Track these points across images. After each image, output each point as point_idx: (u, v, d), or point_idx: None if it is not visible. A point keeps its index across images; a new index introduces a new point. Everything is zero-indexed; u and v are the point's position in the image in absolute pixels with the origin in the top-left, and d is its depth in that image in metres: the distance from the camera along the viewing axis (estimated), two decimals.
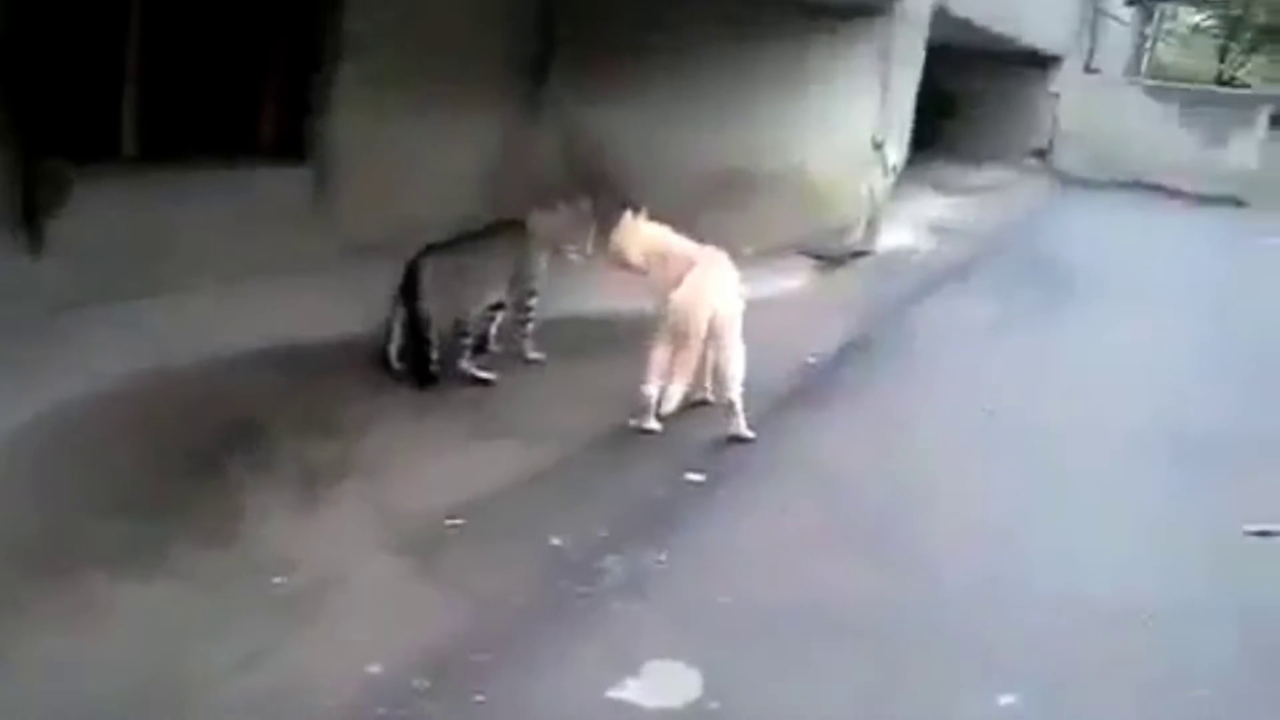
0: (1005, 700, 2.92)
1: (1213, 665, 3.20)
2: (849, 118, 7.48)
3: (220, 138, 5.71)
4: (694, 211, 5.58)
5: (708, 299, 4.31)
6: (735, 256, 4.70)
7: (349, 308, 5.23)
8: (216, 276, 5.19)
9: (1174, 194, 13.33)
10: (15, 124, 4.57)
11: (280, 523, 3.44)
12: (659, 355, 4.36)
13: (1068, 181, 13.87)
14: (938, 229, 9.72)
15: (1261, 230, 11.59)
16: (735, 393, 4.39)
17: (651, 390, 4.36)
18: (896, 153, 7.86)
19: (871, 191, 7.62)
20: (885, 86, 7.50)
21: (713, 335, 4.31)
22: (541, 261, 5.04)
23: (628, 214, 4.70)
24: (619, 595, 3.24)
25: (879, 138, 7.53)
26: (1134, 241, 10.49)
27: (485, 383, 4.81)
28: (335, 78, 6.13)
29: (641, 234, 4.69)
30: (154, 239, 5.15)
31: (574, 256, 5.00)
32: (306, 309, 5.20)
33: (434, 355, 4.76)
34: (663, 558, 3.48)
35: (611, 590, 3.26)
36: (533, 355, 5.13)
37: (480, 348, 5.00)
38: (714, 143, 7.52)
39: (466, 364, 4.83)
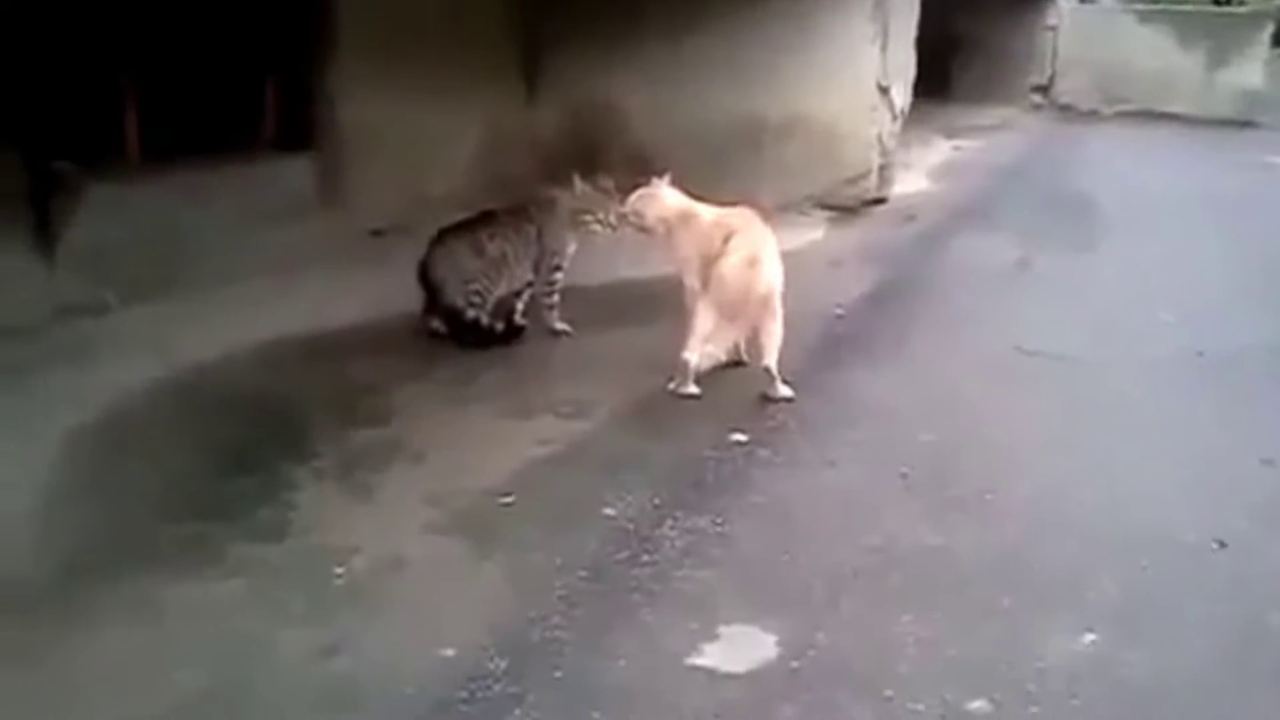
0: (1089, 638, 2.88)
1: None
2: (852, 64, 7.35)
3: (223, 132, 5.64)
4: (705, 169, 5.49)
5: (762, 273, 4.22)
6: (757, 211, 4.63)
7: (366, 294, 5.24)
8: (232, 271, 5.16)
9: (1180, 119, 13.17)
10: (23, 128, 4.50)
11: (332, 512, 3.41)
12: (701, 322, 4.29)
13: (1073, 115, 13.74)
14: (949, 171, 9.63)
15: (1271, 149, 11.48)
16: (773, 359, 4.33)
17: (691, 356, 4.30)
18: (902, 97, 7.74)
19: (881, 138, 7.51)
20: (885, 30, 7.38)
21: (763, 306, 4.24)
22: (566, 238, 4.97)
23: (652, 179, 4.63)
24: (681, 562, 3.19)
25: (884, 82, 7.41)
26: (1144, 169, 10.38)
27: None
28: (333, 64, 6.07)
29: (664, 199, 4.63)
30: (167, 238, 5.12)
31: (598, 228, 4.93)
32: (325, 298, 5.20)
33: (487, 322, 4.83)
34: (720, 521, 3.43)
35: (673, 558, 3.21)
36: (559, 327, 5.07)
37: (508, 323, 4.96)
38: (718, 99, 7.40)
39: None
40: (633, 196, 4.68)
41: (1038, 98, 14.24)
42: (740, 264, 4.21)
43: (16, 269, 4.47)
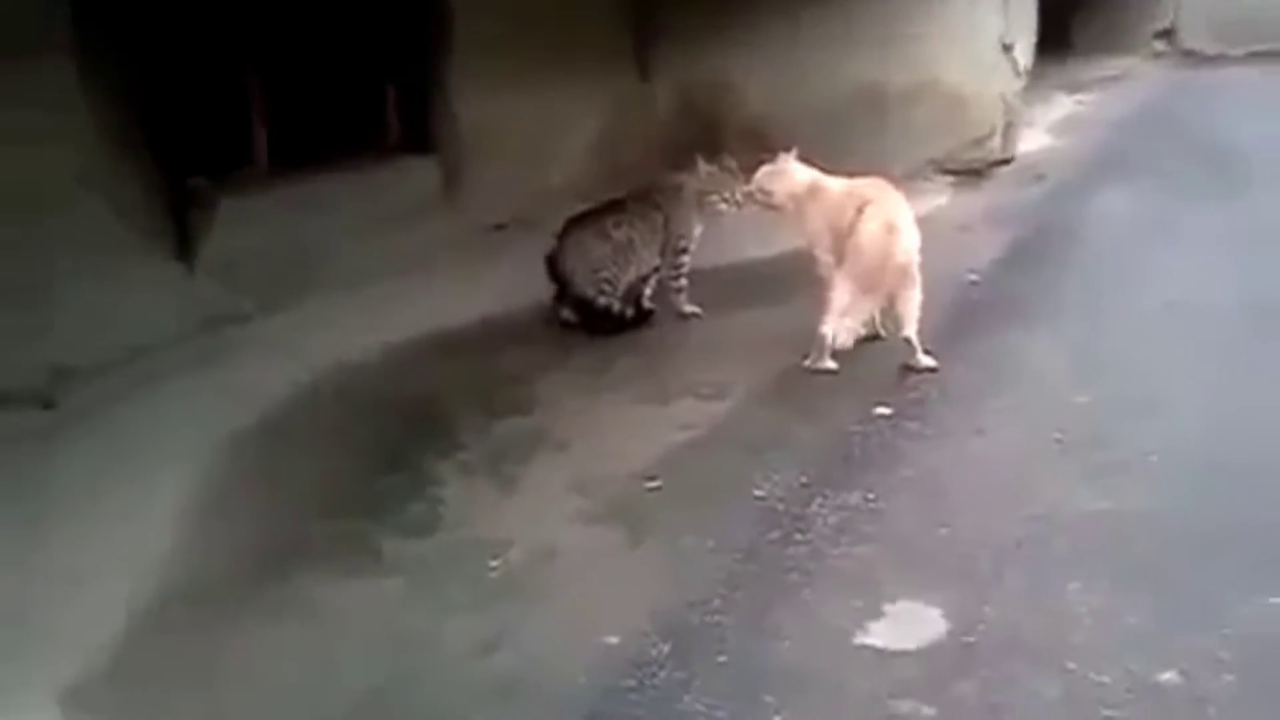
0: (1275, 600, 2.72)
1: None
2: (974, 23, 7.14)
3: (347, 138, 5.73)
4: (823, 141, 5.36)
5: (901, 240, 4.13)
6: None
7: (493, 288, 5.26)
8: (362, 274, 5.20)
9: None
10: (163, 148, 4.62)
11: (481, 505, 3.43)
12: (838, 295, 4.21)
13: (1198, 60, 13.09)
14: (1073, 127, 9.27)
15: None
16: (913, 329, 4.22)
17: (829, 330, 4.22)
18: (1025, 54, 7.48)
19: (1005, 97, 7.28)
20: None
21: (902, 275, 4.15)
22: (692, 221, 4.94)
23: (779, 155, 4.55)
24: (837, 540, 3.12)
25: (1007, 40, 7.18)
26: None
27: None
28: (449, 64, 6.10)
29: (792, 174, 4.54)
30: (298, 245, 5.19)
31: (724, 207, 4.87)
32: (454, 295, 5.22)
33: (619, 308, 4.84)
34: (871, 496, 3.35)
35: (827, 536, 3.14)
36: (688, 309, 5.03)
37: (637, 308, 4.95)
38: (833, 69, 7.22)
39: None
40: (760, 173, 4.61)
41: (1160, 45, 13.60)
42: (878, 232, 4.11)
43: (164, 282, 4.60)
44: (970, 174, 7.28)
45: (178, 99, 4.79)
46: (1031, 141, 8.25)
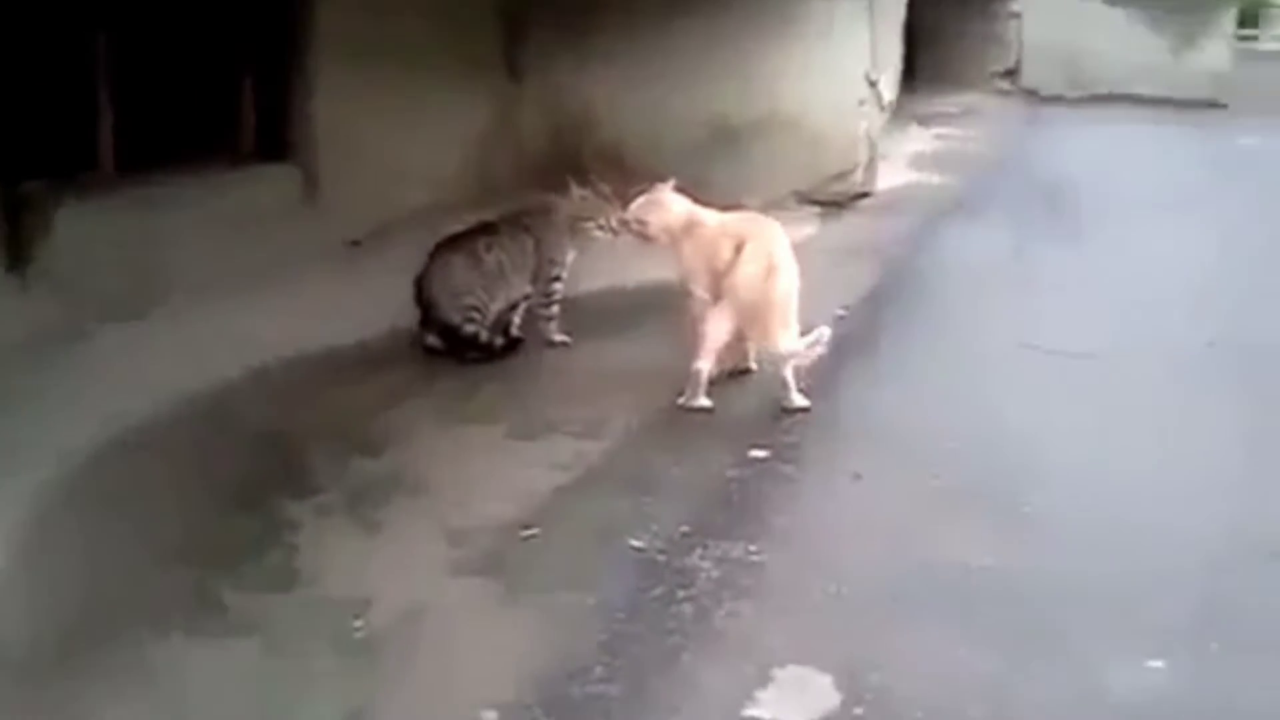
0: (1154, 664, 2.72)
1: None
2: (841, 57, 7.20)
3: (200, 144, 5.39)
4: (690, 168, 5.27)
5: (778, 282, 4.08)
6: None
7: (352, 310, 4.96)
8: (212, 288, 4.88)
9: (1148, 101, 13.11)
10: None
11: (341, 555, 3.18)
12: (713, 332, 4.13)
13: (1040, 100, 13.64)
14: (927, 161, 9.48)
15: (1242, 130, 11.50)
16: (788, 368, 4.17)
17: (704, 366, 4.13)
18: (890, 88, 7.60)
19: (869, 132, 7.36)
20: (873, 21, 7.25)
21: (779, 314, 4.08)
22: (565, 246, 4.78)
23: (655, 185, 4.45)
24: (719, 596, 2.99)
25: (873, 75, 7.26)
26: (1118, 153, 10.36)
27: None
28: (311, 71, 5.82)
29: (668, 206, 4.44)
30: (143, 255, 4.86)
31: (599, 234, 4.73)
32: (310, 315, 4.91)
33: (486, 337, 4.64)
34: (753, 548, 3.24)
35: (710, 591, 3.02)
36: (558, 338, 4.87)
37: (505, 336, 4.76)
38: (705, 96, 7.19)
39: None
40: (636, 203, 4.49)
41: (1004, 84, 14.15)
42: (757, 273, 4.06)
43: None
44: (834, 206, 7.32)
45: (13, 94, 4.40)
46: (890, 175, 8.37)
